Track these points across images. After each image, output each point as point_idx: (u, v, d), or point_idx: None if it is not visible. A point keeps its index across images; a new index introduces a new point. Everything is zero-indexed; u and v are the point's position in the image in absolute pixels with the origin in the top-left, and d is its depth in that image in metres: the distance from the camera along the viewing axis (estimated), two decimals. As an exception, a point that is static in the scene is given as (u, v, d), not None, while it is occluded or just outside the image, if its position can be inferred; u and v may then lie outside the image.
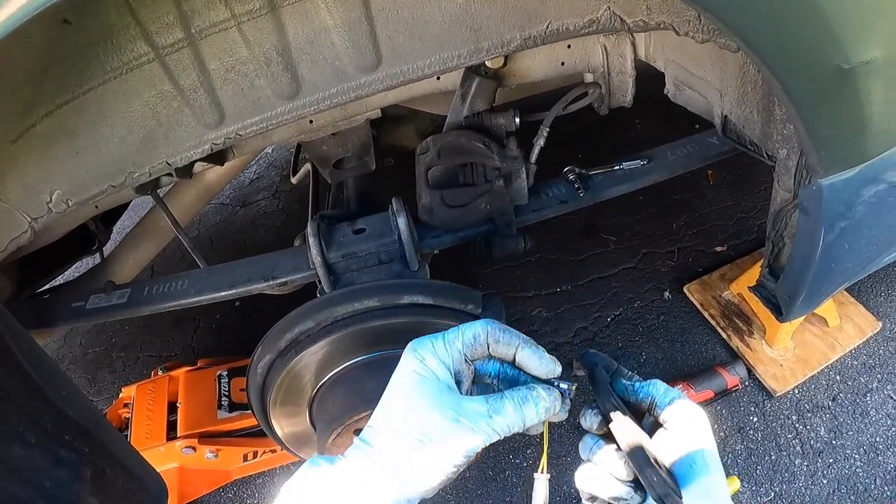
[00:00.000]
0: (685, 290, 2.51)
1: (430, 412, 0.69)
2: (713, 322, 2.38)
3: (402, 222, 1.47)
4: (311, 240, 1.44)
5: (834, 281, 1.45)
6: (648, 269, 2.67)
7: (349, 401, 1.30)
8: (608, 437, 0.75)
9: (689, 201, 2.92)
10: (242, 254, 3.30)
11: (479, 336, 0.74)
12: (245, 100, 1.22)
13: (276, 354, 1.33)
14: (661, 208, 2.90)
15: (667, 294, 2.55)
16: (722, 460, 0.73)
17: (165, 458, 1.96)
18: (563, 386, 0.74)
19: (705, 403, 2.12)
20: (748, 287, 1.55)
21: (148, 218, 2.06)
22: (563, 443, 2.06)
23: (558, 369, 0.74)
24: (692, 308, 2.47)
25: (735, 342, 2.28)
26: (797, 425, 2.06)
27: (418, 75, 1.25)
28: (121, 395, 2.24)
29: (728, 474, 1.94)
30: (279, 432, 1.50)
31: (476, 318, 1.31)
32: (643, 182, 1.73)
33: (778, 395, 2.12)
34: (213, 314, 2.91)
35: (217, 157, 1.67)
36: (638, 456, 0.69)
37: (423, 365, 0.72)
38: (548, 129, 1.60)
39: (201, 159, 1.37)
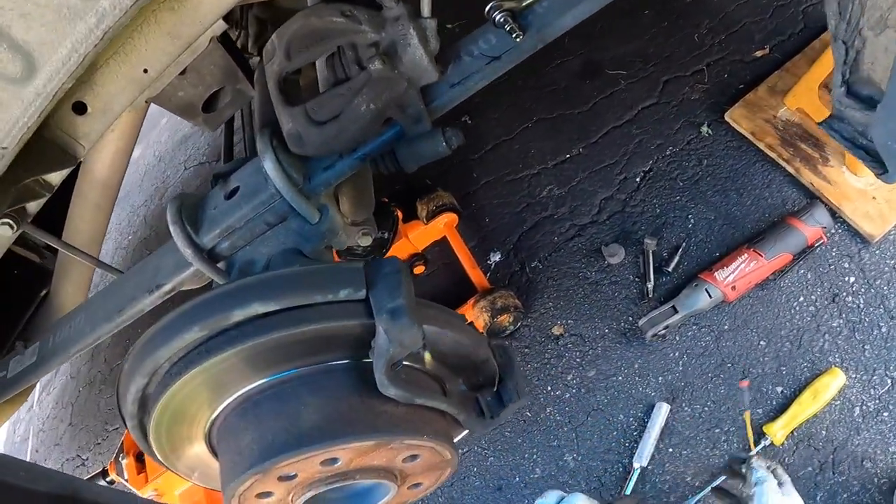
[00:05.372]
0: (727, 117, 2.00)
1: None
2: (772, 154, 1.89)
3: (269, 167, 1.04)
4: (171, 228, 1.08)
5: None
6: (675, 102, 2.15)
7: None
8: None
9: (708, 0, 2.27)
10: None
11: None
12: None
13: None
14: (674, 19, 2.29)
15: (705, 129, 2.06)
16: (816, 345, 0.39)
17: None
18: None
19: (783, 271, 1.65)
20: (818, 124, 1.03)
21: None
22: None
23: None
24: (741, 140, 1.98)
25: (807, 176, 1.80)
26: (909, 275, 1.60)
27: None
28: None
29: (826, 364, 1.52)
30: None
31: (363, 301, 0.86)
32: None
33: (877, 239, 1.67)
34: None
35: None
36: None
37: None
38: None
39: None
